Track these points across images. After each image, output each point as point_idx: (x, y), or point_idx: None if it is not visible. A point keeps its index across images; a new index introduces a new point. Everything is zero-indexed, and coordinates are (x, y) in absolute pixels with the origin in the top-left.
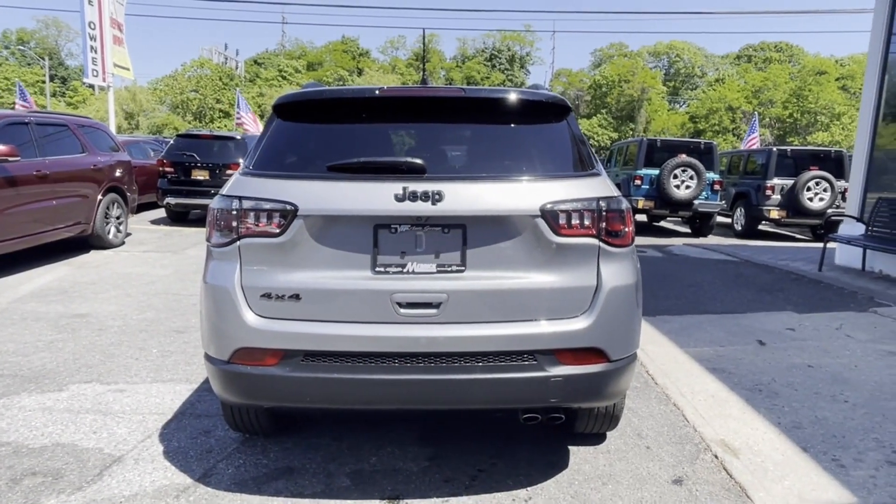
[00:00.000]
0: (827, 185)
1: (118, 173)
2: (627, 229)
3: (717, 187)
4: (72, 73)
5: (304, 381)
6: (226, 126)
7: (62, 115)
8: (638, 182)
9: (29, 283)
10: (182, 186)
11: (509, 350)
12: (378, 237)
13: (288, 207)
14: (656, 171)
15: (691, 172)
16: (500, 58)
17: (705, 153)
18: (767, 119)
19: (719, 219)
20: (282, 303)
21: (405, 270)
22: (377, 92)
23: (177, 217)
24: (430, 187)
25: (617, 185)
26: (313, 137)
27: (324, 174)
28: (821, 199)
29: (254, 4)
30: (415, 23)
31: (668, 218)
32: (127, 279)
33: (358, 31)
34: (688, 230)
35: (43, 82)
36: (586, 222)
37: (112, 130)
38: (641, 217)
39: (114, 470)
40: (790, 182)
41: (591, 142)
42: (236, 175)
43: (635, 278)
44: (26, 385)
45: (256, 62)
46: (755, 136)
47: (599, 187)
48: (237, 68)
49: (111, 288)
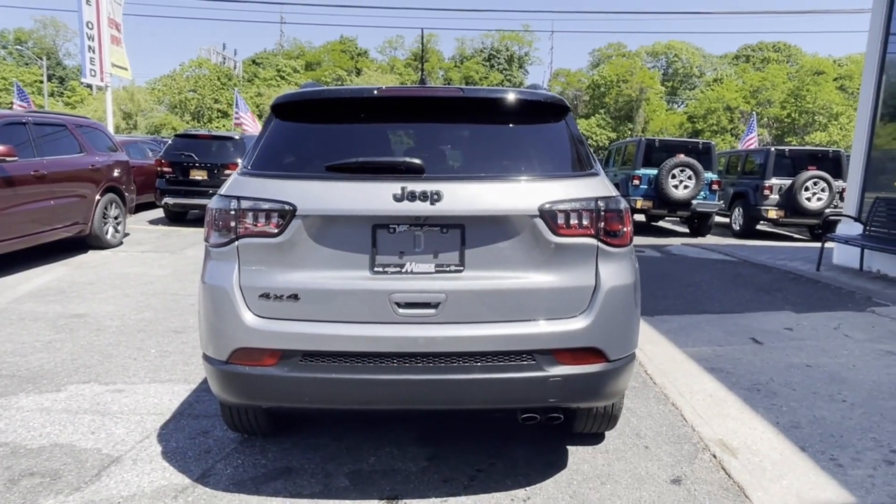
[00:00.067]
0: (825, 185)
1: (116, 173)
2: (626, 229)
3: (716, 187)
4: (69, 73)
5: (303, 382)
6: (224, 126)
7: (60, 115)
8: (636, 182)
9: (27, 284)
10: (180, 186)
11: (508, 350)
12: (376, 237)
13: (286, 207)
14: (655, 171)
15: (689, 172)
16: (499, 58)
17: (703, 153)
18: (765, 119)
19: (717, 219)
20: (280, 303)
21: (404, 270)
22: (375, 92)
23: (175, 217)
24: (429, 187)
25: (615, 185)
26: (312, 137)
27: (322, 174)
28: (819, 199)
29: (252, 4)
30: (413, 23)
31: (667, 218)
32: (125, 279)
33: (356, 31)
34: (686, 230)
35: (41, 82)
36: (585, 222)
37: (110, 130)
38: (640, 217)
39: (112, 470)
40: (788, 182)
41: (590, 142)
42: (234, 175)
43: (634, 278)
44: (24, 385)
45: (255, 62)
46: (753, 136)
47: (598, 187)
48: (235, 68)
49: (109, 288)
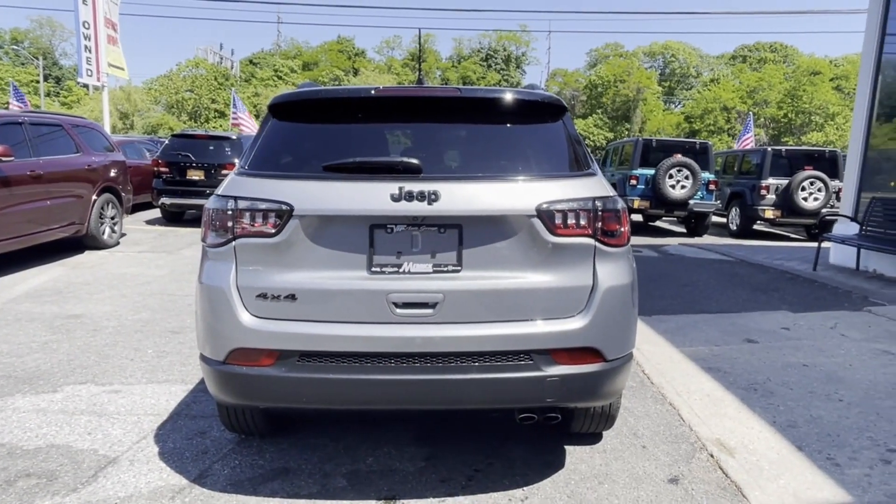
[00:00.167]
0: (821, 185)
1: (113, 173)
2: (623, 229)
3: (713, 187)
4: (66, 73)
5: (300, 382)
6: (221, 126)
7: (56, 115)
8: (633, 182)
9: (23, 284)
10: (177, 186)
11: (505, 350)
12: (374, 237)
13: (283, 207)
14: (652, 171)
15: (687, 172)
16: (496, 58)
17: (700, 153)
18: (762, 119)
19: (714, 218)
20: (277, 303)
21: (401, 270)
22: (373, 92)
23: (172, 217)
24: (427, 187)
25: (613, 185)
26: (309, 137)
27: (320, 174)
28: (815, 199)
29: (249, 4)
30: (411, 23)
31: (664, 218)
32: (122, 279)
33: (354, 31)
34: (683, 230)
35: (37, 82)
36: (582, 222)
37: (107, 130)
38: (637, 217)
39: (109, 471)
40: (785, 182)
41: (587, 142)
42: (232, 175)
43: (631, 278)
44: (20, 386)
45: (252, 62)
46: (749, 136)
47: (595, 187)
48: (232, 68)
49: (106, 288)
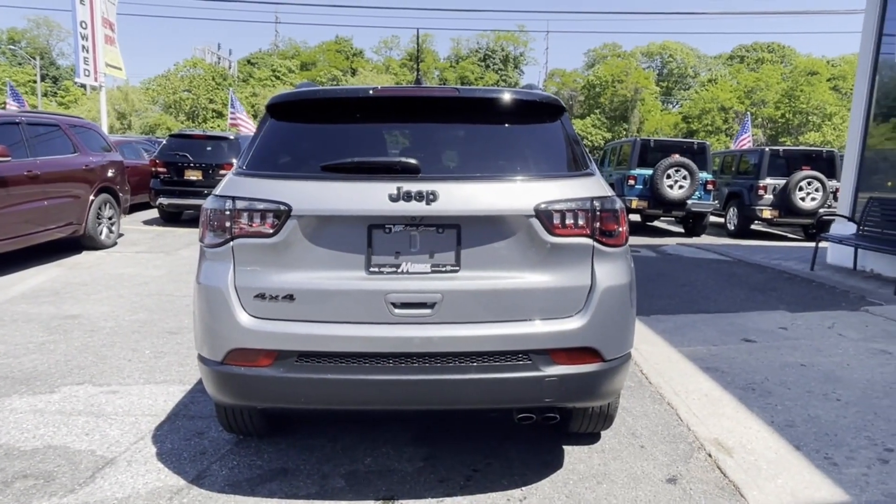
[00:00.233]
0: (819, 185)
1: (110, 173)
2: (621, 229)
3: (710, 187)
4: (63, 73)
5: (299, 382)
6: (219, 126)
7: (53, 115)
8: (631, 182)
9: (20, 284)
10: (175, 187)
11: (504, 350)
12: (372, 237)
13: (281, 207)
14: (650, 171)
15: (684, 172)
16: (494, 58)
17: (698, 153)
18: (760, 119)
19: (712, 218)
20: (275, 303)
21: (399, 270)
22: (371, 92)
23: (169, 217)
24: (425, 187)
25: (611, 185)
26: (307, 137)
27: (318, 174)
28: (813, 199)
29: (247, 4)
30: (409, 23)
31: (662, 218)
32: (119, 280)
33: (352, 31)
34: (681, 230)
35: (34, 82)
36: (580, 222)
37: (104, 130)
38: (635, 217)
39: (106, 472)
40: (782, 182)
41: (585, 142)
42: (229, 175)
43: (629, 278)
44: (17, 387)
45: (249, 62)
46: (747, 136)
47: (593, 187)
48: (230, 68)
49: (103, 289)
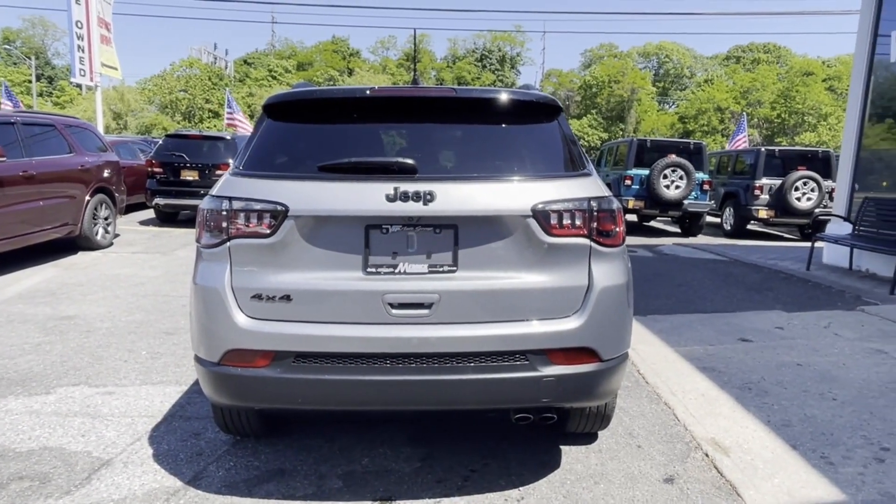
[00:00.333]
0: (814, 185)
1: (106, 174)
2: (618, 229)
3: (707, 187)
4: (59, 73)
5: (296, 383)
6: (215, 126)
7: (49, 115)
8: (628, 182)
9: (16, 285)
10: (171, 187)
11: (501, 350)
12: (369, 237)
13: (278, 208)
14: (646, 172)
15: (681, 172)
16: (491, 58)
17: (695, 153)
18: (756, 119)
19: (709, 218)
20: (273, 304)
21: (397, 271)
22: (368, 92)
23: (166, 218)
24: (422, 187)
25: (607, 185)
26: (304, 138)
27: (315, 174)
28: (808, 199)
29: (243, 4)
30: (405, 23)
31: (658, 218)
32: (115, 280)
33: (348, 31)
34: (678, 230)
35: (29, 82)
36: (577, 222)
37: (100, 130)
38: (632, 217)
39: (102, 473)
40: (778, 182)
41: (582, 142)
42: (226, 175)
43: (626, 278)
44: (13, 388)
45: (246, 62)
46: (743, 136)
47: (591, 187)
48: (226, 68)
49: (99, 289)
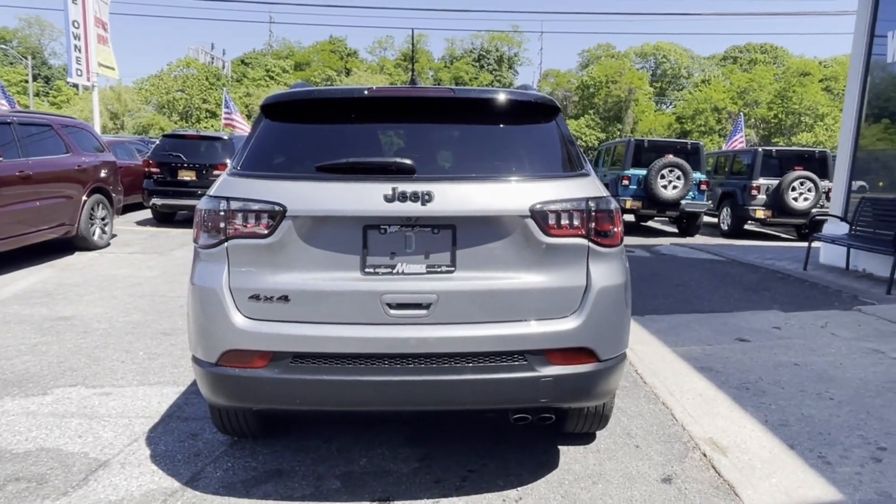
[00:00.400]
0: (811, 185)
1: (103, 174)
2: (616, 229)
3: (704, 187)
4: (55, 73)
5: (294, 383)
6: (212, 126)
7: (45, 115)
8: (626, 182)
9: (12, 286)
10: (168, 187)
11: (499, 350)
12: (367, 238)
13: (276, 208)
14: (644, 172)
15: (678, 173)
16: (489, 58)
17: (692, 153)
18: (753, 120)
19: (706, 219)
20: (270, 304)
21: (395, 271)
22: (366, 92)
23: (163, 218)
24: (420, 188)
25: (605, 186)
26: (302, 138)
27: (313, 175)
28: (805, 199)
29: (241, 4)
30: (403, 23)
31: (656, 218)
32: (112, 281)
33: (346, 31)
34: (675, 230)
35: (26, 82)
36: (576, 222)
37: (97, 130)
38: (629, 217)
39: (100, 475)
40: (775, 182)
41: (579, 142)
42: (224, 176)
43: (624, 278)
44: (9, 389)
45: (243, 62)
46: (740, 137)
47: (589, 187)
48: (224, 68)
49: (96, 290)
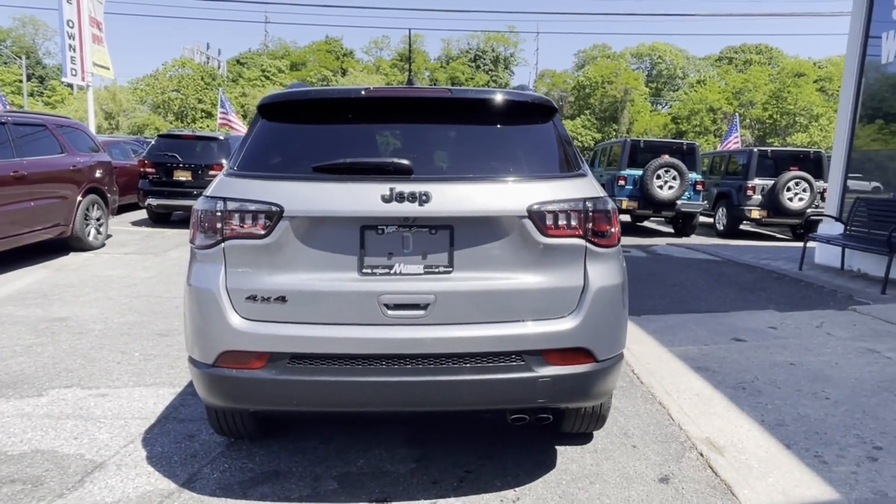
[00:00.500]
0: (806, 186)
1: (98, 174)
2: (614, 230)
3: (700, 187)
4: (50, 73)
5: (291, 384)
6: (208, 126)
7: (40, 115)
8: (622, 182)
9: (7, 286)
10: (164, 187)
11: (497, 351)
12: (365, 238)
13: (273, 208)
14: (640, 172)
15: (674, 173)
16: (485, 59)
17: (688, 154)
18: (748, 120)
19: (702, 219)
20: (268, 305)
21: (392, 272)
22: (363, 92)
23: (158, 218)
24: (417, 188)
25: (601, 186)
26: (299, 138)
27: (310, 175)
28: (800, 199)
29: (236, 3)
30: (399, 23)
31: (652, 218)
32: (108, 282)
33: (342, 31)
34: (671, 230)
35: (20, 81)
36: (573, 223)
37: (91, 130)
38: (625, 217)
39: (95, 476)
40: (770, 182)
41: (575, 142)
42: (221, 176)
43: (621, 278)
44: (4, 390)
45: (239, 62)
46: (735, 137)
47: (586, 188)
48: (219, 68)
49: (91, 291)
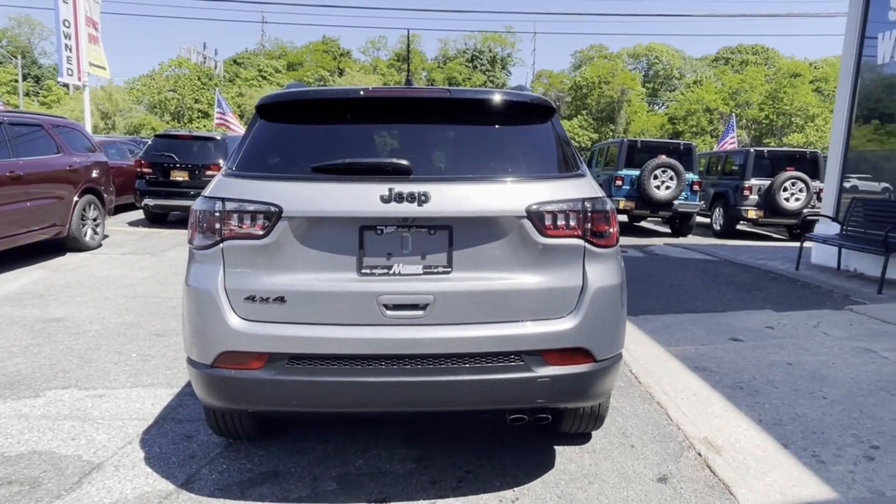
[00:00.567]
0: (803, 186)
1: (95, 174)
2: (612, 230)
3: (697, 188)
4: (46, 72)
5: (290, 385)
6: (205, 126)
7: (36, 115)
8: (619, 183)
9: (3, 287)
10: (161, 188)
11: (496, 351)
12: (364, 239)
13: (272, 209)
14: (637, 172)
15: (671, 173)
16: (482, 59)
17: (684, 154)
18: (744, 120)
19: (698, 219)
20: (266, 305)
21: (391, 272)
22: (362, 92)
23: (155, 219)
24: (416, 188)
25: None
26: (297, 138)
27: (308, 175)
28: (797, 200)
29: (233, 3)
30: (396, 23)
31: (649, 218)
32: (104, 282)
33: (339, 31)
34: (668, 230)
35: (16, 81)
36: (572, 223)
37: (88, 130)
38: (622, 217)
39: (93, 477)
40: (767, 182)
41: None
42: (219, 176)
43: (620, 278)
44: (1, 391)
45: (236, 62)
46: (732, 137)
47: (584, 188)
48: (216, 68)
49: (88, 291)
